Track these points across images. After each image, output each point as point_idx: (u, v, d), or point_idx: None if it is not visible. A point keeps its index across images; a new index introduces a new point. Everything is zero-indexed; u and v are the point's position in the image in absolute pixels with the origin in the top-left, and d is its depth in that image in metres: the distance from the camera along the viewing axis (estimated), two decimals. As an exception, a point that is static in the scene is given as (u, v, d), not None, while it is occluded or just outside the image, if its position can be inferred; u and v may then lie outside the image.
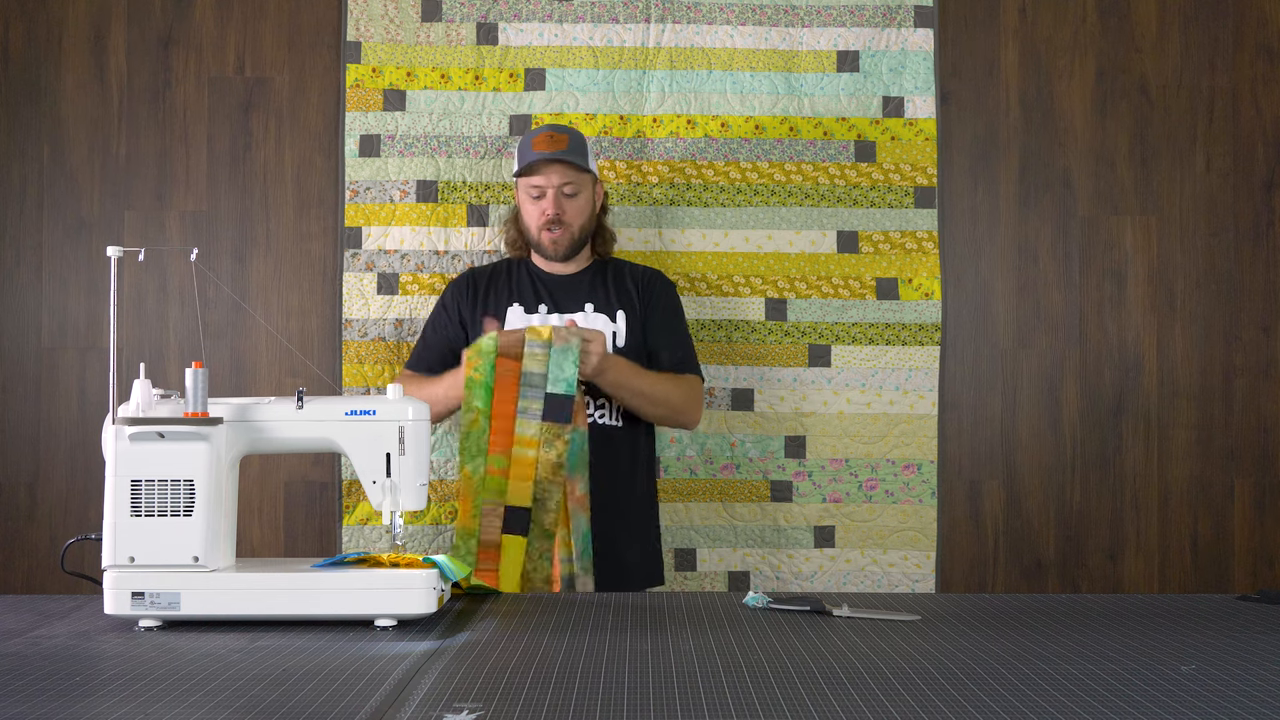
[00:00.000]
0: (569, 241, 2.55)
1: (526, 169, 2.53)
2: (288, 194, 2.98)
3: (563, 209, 2.53)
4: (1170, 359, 3.02)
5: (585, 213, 2.57)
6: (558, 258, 2.56)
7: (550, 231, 2.53)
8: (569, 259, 2.58)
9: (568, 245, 2.55)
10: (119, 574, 1.68)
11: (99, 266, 2.96)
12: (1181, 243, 3.03)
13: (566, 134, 2.56)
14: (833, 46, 2.98)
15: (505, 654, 1.51)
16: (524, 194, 2.57)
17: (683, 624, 1.70)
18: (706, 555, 2.92)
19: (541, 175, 2.52)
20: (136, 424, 1.69)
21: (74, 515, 2.94)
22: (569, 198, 2.53)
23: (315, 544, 2.95)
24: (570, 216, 2.54)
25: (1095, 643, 1.58)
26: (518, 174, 2.56)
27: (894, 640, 1.59)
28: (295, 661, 1.47)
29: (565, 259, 2.57)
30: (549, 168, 2.52)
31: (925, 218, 2.96)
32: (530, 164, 2.52)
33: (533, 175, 2.53)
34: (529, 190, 2.55)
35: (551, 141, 2.53)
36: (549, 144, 2.53)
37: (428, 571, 1.70)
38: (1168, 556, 3.01)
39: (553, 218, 2.52)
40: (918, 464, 2.93)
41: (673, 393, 2.52)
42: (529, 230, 2.57)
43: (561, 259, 2.57)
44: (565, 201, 2.53)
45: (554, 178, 2.52)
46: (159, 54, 2.98)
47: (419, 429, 1.80)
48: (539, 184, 2.53)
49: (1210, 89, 3.04)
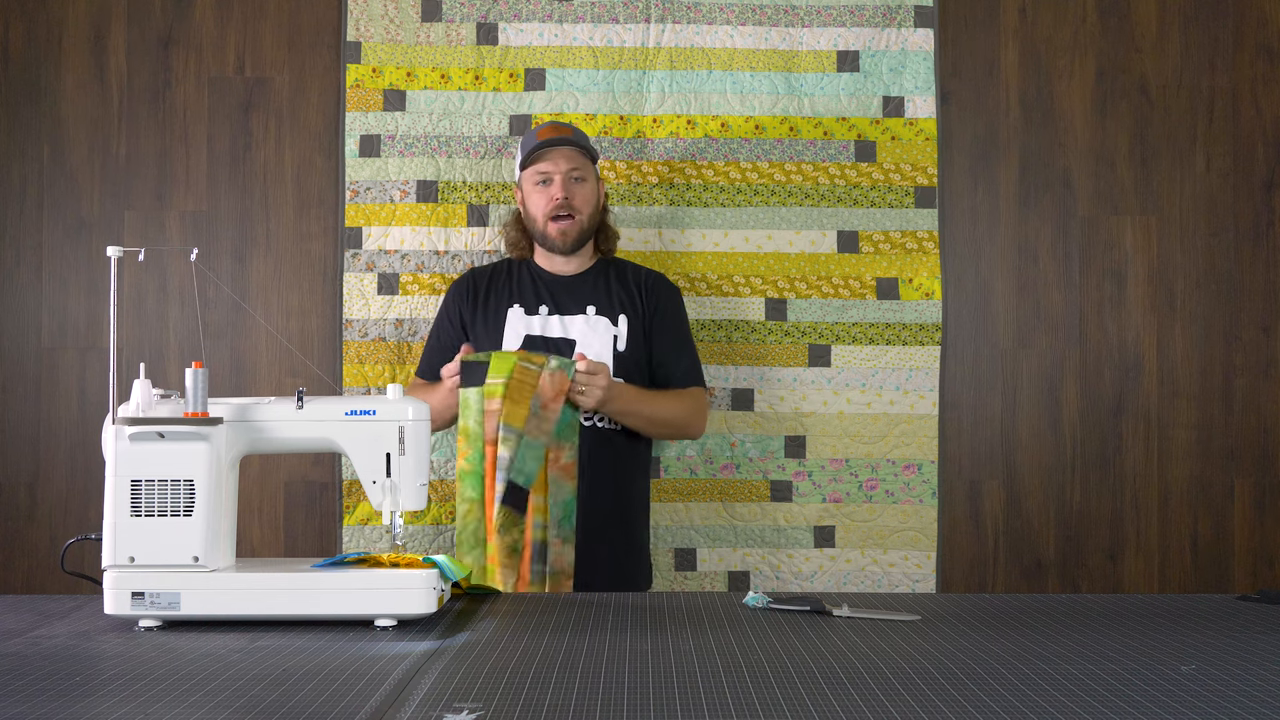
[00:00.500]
0: (577, 232, 2.54)
1: (534, 155, 2.53)
2: (288, 194, 2.98)
3: (571, 194, 2.52)
4: (1170, 359, 3.02)
5: (592, 202, 2.57)
6: (565, 250, 2.55)
7: (558, 221, 2.52)
8: (576, 251, 2.57)
9: (576, 235, 2.54)
10: (119, 574, 1.68)
11: (99, 266, 2.96)
12: (1181, 243, 3.03)
13: (570, 126, 2.61)
14: (833, 46, 2.97)
15: (505, 654, 1.51)
16: (530, 184, 2.56)
17: (683, 624, 1.70)
18: (706, 555, 2.92)
19: (549, 161, 2.52)
20: (136, 424, 1.69)
21: (74, 515, 2.94)
22: (577, 183, 2.53)
23: (315, 544, 2.95)
24: (579, 203, 2.53)
25: (1095, 643, 1.58)
26: (523, 163, 2.56)
27: (894, 640, 1.59)
28: (295, 661, 1.47)
29: (572, 250, 2.56)
30: (556, 152, 2.52)
31: (925, 218, 2.96)
32: (537, 149, 2.52)
33: (540, 162, 2.53)
34: (535, 178, 2.54)
35: (556, 130, 2.56)
36: (554, 131, 2.55)
37: (428, 571, 1.70)
38: (1168, 556, 3.01)
39: (561, 202, 2.50)
40: (918, 464, 2.93)
41: (678, 412, 2.52)
42: (535, 222, 2.56)
43: (569, 251, 2.55)
44: (574, 186, 2.52)
45: (561, 163, 2.52)
46: (159, 54, 2.98)
47: (419, 429, 1.80)
48: (546, 169, 2.52)
49: (1210, 89, 3.04)
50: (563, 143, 2.52)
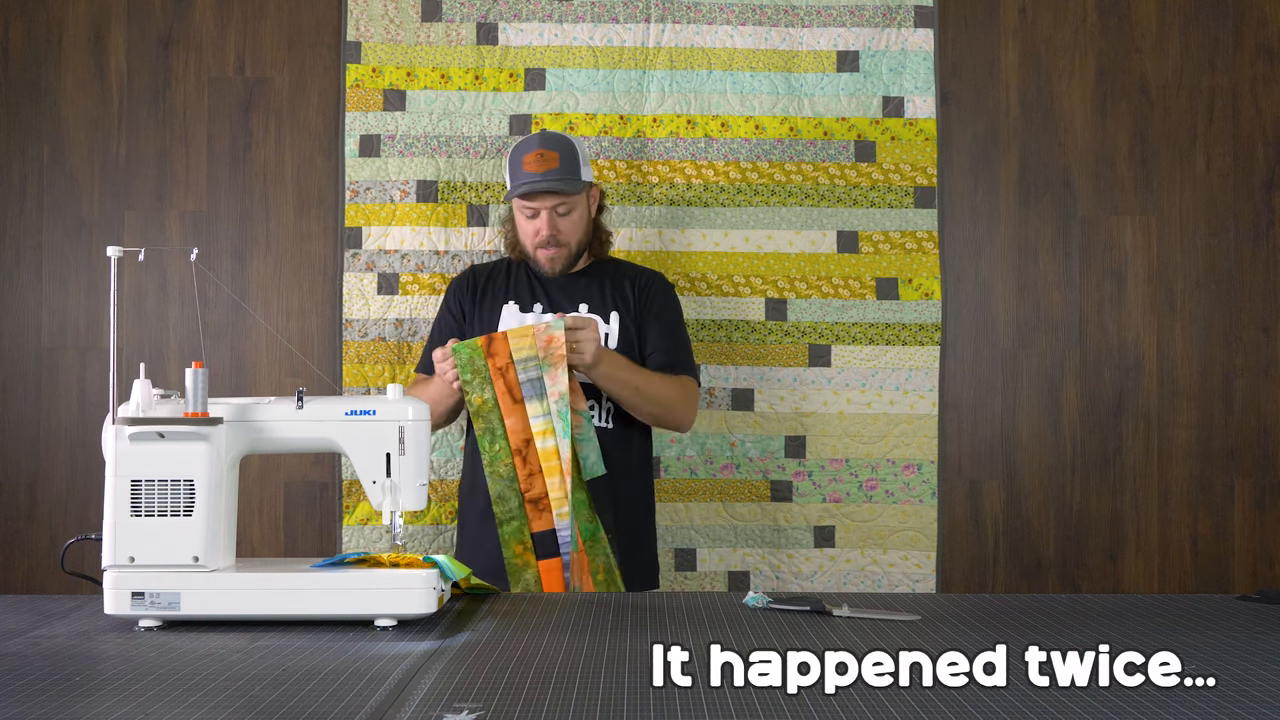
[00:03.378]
0: (565, 259, 2.54)
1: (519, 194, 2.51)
2: (288, 194, 2.98)
3: (557, 229, 2.51)
4: (1170, 359, 3.02)
5: (580, 227, 2.56)
6: (554, 274, 2.56)
7: (546, 249, 2.53)
8: (565, 274, 2.58)
9: (564, 262, 2.55)
10: (119, 574, 1.68)
11: (99, 266, 2.96)
12: (1181, 243, 3.03)
13: (557, 151, 2.50)
14: (833, 46, 2.97)
15: (505, 654, 1.51)
16: (518, 210, 2.55)
17: (683, 624, 1.70)
18: (706, 555, 2.92)
19: (534, 200, 2.51)
20: (136, 424, 1.69)
21: (74, 515, 2.94)
22: (563, 216, 2.52)
23: (315, 544, 2.95)
24: (566, 235, 2.53)
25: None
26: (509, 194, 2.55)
27: (894, 640, 1.59)
28: (295, 662, 1.47)
29: (562, 274, 2.57)
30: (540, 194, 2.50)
31: (925, 218, 2.96)
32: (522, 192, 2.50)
33: (525, 198, 2.52)
34: (523, 210, 2.53)
35: (542, 161, 2.48)
36: (539, 164, 2.48)
37: (428, 571, 1.70)
38: (1168, 556, 3.01)
39: (547, 238, 2.51)
40: (918, 464, 2.93)
41: (666, 391, 2.49)
42: (525, 245, 2.57)
43: (558, 274, 2.57)
44: (559, 220, 2.51)
45: (546, 200, 2.50)
46: (159, 54, 2.98)
47: (419, 429, 1.80)
48: (533, 206, 2.51)
49: (1210, 89, 3.04)
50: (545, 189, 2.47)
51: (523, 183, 2.48)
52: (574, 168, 2.51)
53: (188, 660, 1.48)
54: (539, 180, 2.47)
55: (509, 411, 2.31)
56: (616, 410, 2.50)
